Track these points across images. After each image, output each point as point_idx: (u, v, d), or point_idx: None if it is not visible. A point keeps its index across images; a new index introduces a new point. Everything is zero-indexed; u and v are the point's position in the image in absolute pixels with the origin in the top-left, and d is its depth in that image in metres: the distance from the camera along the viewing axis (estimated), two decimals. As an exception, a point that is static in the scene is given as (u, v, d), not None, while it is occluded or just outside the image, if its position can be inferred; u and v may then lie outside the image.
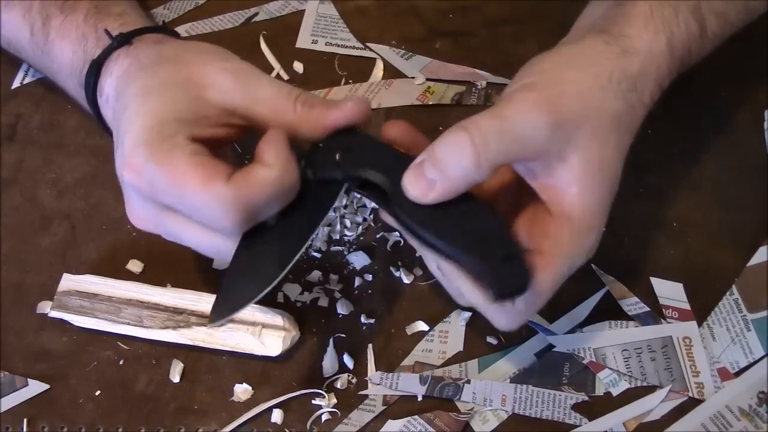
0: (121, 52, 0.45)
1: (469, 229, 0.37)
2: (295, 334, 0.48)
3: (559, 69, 0.40)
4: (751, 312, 0.48)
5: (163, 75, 0.40)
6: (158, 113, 0.38)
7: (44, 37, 0.50)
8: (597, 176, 0.39)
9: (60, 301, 0.49)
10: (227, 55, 0.42)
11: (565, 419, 0.45)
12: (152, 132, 0.37)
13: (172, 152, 0.37)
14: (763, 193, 0.53)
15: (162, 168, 0.37)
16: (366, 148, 0.40)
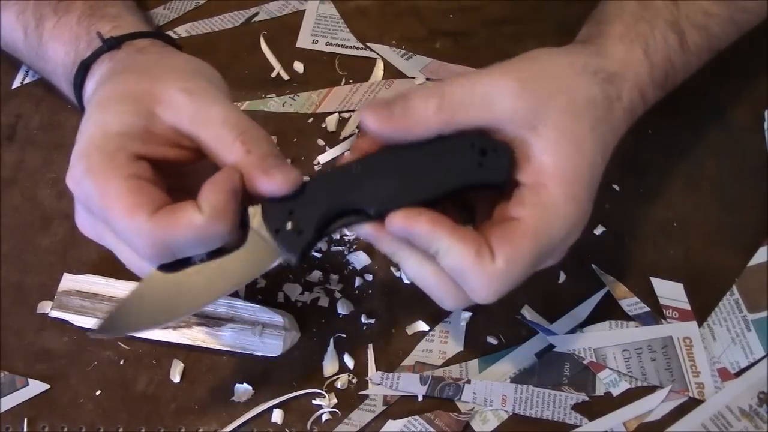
0: (106, 55, 0.45)
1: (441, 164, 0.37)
2: (295, 334, 0.48)
3: (534, 56, 0.41)
4: (752, 312, 0.48)
5: (122, 86, 0.40)
6: (105, 125, 0.38)
7: (38, 38, 0.50)
8: (571, 147, 0.38)
9: (60, 301, 0.49)
10: (199, 75, 0.41)
11: (566, 419, 0.45)
12: (94, 145, 0.37)
13: (109, 171, 0.37)
14: (763, 193, 0.53)
15: (95, 185, 0.37)
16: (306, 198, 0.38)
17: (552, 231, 0.38)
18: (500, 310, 0.49)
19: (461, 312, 0.49)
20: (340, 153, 0.55)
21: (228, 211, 0.36)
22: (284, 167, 0.38)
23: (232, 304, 0.48)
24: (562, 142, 0.38)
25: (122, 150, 0.37)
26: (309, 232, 0.37)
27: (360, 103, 0.58)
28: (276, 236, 0.37)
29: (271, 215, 0.38)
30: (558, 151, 0.38)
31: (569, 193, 0.38)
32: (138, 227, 0.36)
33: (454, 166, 0.37)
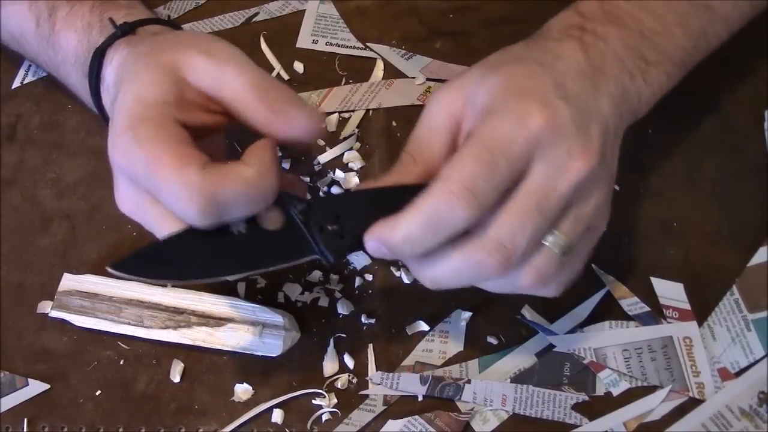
0: (122, 41, 0.46)
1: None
2: (295, 334, 0.48)
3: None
4: (752, 312, 0.48)
5: (150, 61, 0.40)
6: (143, 97, 0.38)
7: (50, 27, 0.50)
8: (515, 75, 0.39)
9: (60, 301, 0.49)
10: (215, 40, 0.42)
11: (566, 419, 0.45)
12: (137, 116, 0.38)
13: (157, 137, 0.37)
14: (763, 193, 0.53)
15: (144, 150, 0.37)
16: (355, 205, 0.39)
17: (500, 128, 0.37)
18: (500, 310, 0.49)
19: (461, 312, 0.49)
20: (340, 153, 0.55)
21: (274, 170, 0.37)
22: (306, 110, 0.39)
23: (232, 304, 0.48)
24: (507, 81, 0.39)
25: (165, 116, 0.38)
26: (350, 239, 0.38)
27: (360, 103, 0.58)
28: (320, 233, 0.38)
29: (318, 213, 0.39)
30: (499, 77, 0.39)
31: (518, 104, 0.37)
32: (187, 180, 0.35)
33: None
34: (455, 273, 0.38)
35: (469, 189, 0.35)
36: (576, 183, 0.37)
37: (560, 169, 0.37)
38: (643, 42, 0.43)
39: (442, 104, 0.40)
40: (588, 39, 0.42)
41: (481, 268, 0.37)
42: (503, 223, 0.36)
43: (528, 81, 0.38)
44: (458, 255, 0.37)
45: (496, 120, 0.37)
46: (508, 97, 0.38)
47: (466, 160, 0.36)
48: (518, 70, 0.39)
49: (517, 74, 0.39)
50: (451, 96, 0.40)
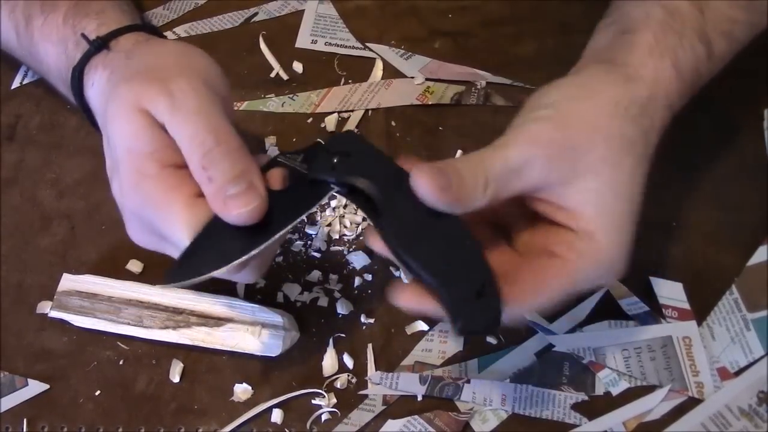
0: (98, 59, 0.45)
1: (447, 257, 0.36)
2: (295, 334, 0.48)
3: (563, 99, 0.40)
4: (751, 311, 0.48)
5: (124, 101, 0.39)
6: (132, 149, 0.39)
7: (29, 38, 0.50)
8: (612, 198, 0.38)
9: (60, 301, 0.49)
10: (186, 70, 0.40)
11: (565, 419, 0.45)
12: (137, 171, 0.38)
13: (166, 197, 0.38)
14: (763, 193, 0.53)
15: (159, 214, 0.38)
16: (365, 157, 0.39)
17: (591, 276, 0.39)
18: (500, 310, 0.49)
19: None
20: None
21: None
22: (243, 198, 0.37)
23: (232, 304, 0.48)
24: (601, 192, 0.38)
25: (164, 168, 0.38)
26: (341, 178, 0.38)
27: (359, 103, 0.58)
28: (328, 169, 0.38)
29: (318, 160, 0.39)
30: (598, 201, 0.38)
31: (613, 240, 0.39)
32: None
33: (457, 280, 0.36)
34: None
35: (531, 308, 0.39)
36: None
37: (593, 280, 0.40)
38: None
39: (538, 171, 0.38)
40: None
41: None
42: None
43: (625, 206, 0.39)
44: None
45: (596, 268, 0.39)
46: (612, 235, 0.39)
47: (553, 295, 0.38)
48: (618, 176, 0.39)
49: (616, 187, 0.39)
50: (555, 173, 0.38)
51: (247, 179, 0.37)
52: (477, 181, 0.37)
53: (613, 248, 0.39)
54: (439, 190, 0.36)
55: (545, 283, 0.38)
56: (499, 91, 0.58)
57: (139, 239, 0.42)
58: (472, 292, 0.36)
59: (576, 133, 0.38)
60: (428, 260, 0.36)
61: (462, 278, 0.36)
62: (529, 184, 0.38)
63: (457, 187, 0.36)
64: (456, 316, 0.36)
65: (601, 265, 0.39)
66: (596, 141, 0.38)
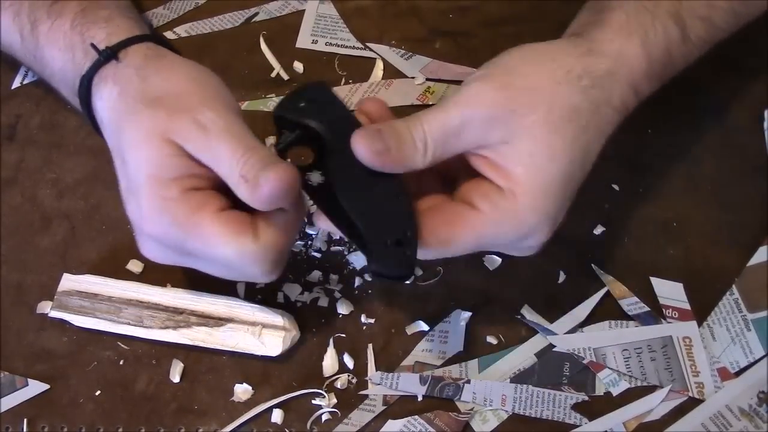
0: (108, 72, 0.44)
1: (376, 205, 0.39)
2: (295, 334, 0.48)
3: (516, 63, 0.41)
4: (751, 312, 0.48)
5: (145, 127, 0.40)
6: (158, 176, 0.39)
7: (34, 42, 0.50)
8: (544, 162, 0.39)
9: (60, 301, 0.49)
10: (207, 97, 0.41)
11: (565, 419, 0.45)
12: (160, 197, 0.39)
13: (195, 216, 0.39)
14: (763, 193, 0.53)
15: (190, 233, 0.39)
16: (328, 105, 0.41)
17: (502, 233, 0.40)
18: (500, 310, 0.49)
19: (461, 312, 0.49)
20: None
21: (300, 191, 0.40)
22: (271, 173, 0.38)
23: (232, 304, 0.48)
24: (535, 155, 0.39)
25: (186, 192, 0.39)
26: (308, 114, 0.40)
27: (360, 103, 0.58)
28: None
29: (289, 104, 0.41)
30: (530, 163, 0.39)
31: (534, 205, 0.39)
32: (251, 255, 0.39)
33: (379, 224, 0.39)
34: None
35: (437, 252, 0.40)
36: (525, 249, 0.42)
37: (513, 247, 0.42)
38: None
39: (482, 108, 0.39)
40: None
41: None
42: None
43: (556, 173, 0.39)
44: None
45: (505, 227, 0.40)
46: (533, 198, 0.39)
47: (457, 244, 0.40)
48: (554, 141, 0.39)
49: (549, 151, 0.39)
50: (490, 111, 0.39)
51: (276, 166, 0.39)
52: (417, 145, 0.39)
53: (534, 213, 0.39)
54: (376, 153, 0.38)
55: (452, 228, 0.39)
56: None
57: (156, 257, 0.43)
58: (391, 239, 0.38)
59: (518, 94, 0.39)
60: (357, 204, 0.39)
61: (384, 226, 0.39)
62: (468, 143, 0.39)
63: (396, 150, 0.38)
64: (371, 258, 0.39)
65: (515, 227, 0.40)
66: (537, 104, 0.39)
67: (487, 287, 0.50)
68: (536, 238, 0.41)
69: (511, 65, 0.41)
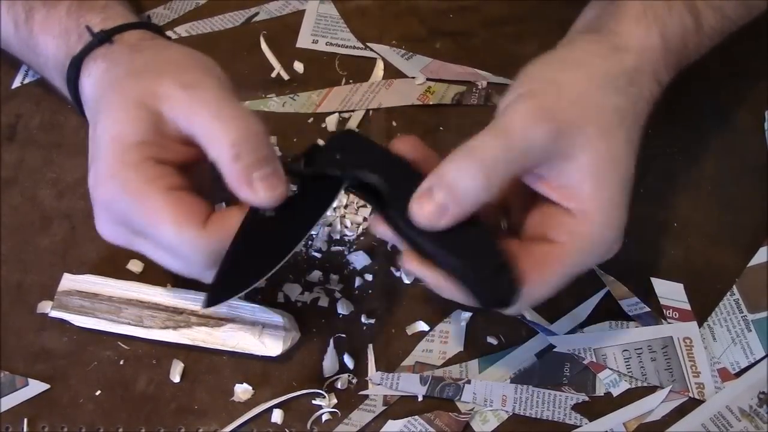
0: (99, 52, 0.45)
1: (461, 239, 0.38)
2: (295, 334, 0.48)
3: (554, 73, 0.40)
4: (752, 312, 0.48)
5: (126, 91, 0.39)
6: (122, 137, 0.38)
7: (28, 31, 0.50)
8: (608, 172, 0.38)
9: (60, 301, 0.49)
10: (198, 66, 0.41)
11: (566, 419, 0.45)
12: (120, 161, 0.38)
13: (146, 187, 0.38)
14: (763, 193, 0.53)
15: (136, 204, 0.38)
16: (366, 151, 0.40)
17: (589, 258, 0.39)
18: (500, 310, 0.49)
19: (461, 312, 0.49)
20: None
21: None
22: (270, 180, 0.38)
23: (232, 304, 0.48)
24: (600, 168, 0.38)
25: (148, 160, 0.38)
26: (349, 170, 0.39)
27: (360, 103, 0.58)
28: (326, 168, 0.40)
29: (320, 158, 0.40)
30: (596, 179, 0.38)
31: (610, 221, 0.39)
32: (191, 242, 0.37)
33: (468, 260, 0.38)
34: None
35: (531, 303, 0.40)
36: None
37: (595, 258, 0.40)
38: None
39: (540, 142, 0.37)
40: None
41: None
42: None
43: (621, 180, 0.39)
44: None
45: (593, 249, 0.39)
46: (607, 213, 0.38)
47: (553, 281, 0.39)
48: (613, 149, 0.39)
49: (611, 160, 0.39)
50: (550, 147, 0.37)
51: (273, 163, 0.38)
52: (477, 190, 0.36)
53: (611, 228, 0.39)
54: (435, 217, 0.37)
55: (546, 271, 0.38)
56: (500, 92, 0.58)
57: (108, 233, 0.41)
58: (491, 268, 0.37)
59: (570, 107, 0.38)
60: (445, 243, 0.38)
61: (479, 257, 0.38)
62: (531, 164, 0.38)
63: (452, 203, 0.36)
64: (480, 290, 0.38)
65: (598, 246, 0.39)
66: (590, 114, 0.38)
67: (488, 287, 0.50)
68: (615, 248, 0.40)
69: (549, 77, 0.39)
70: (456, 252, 0.38)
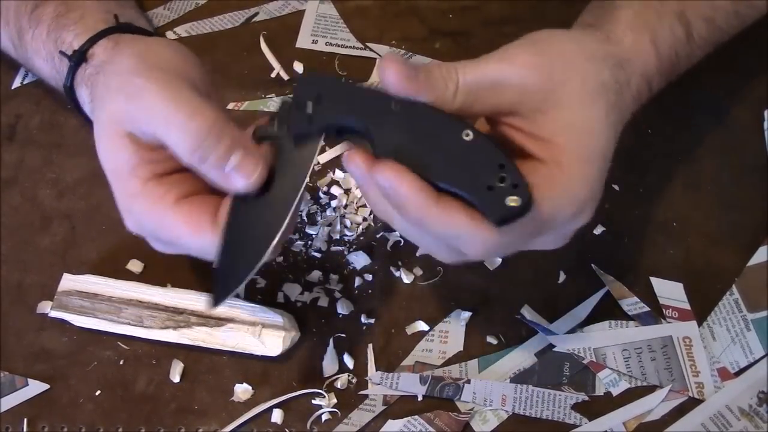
0: (81, 76, 0.46)
1: (456, 157, 0.36)
2: (295, 334, 0.48)
3: (548, 39, 0.40)
4: (751, 312, 0.48)
5: (105, 117, 0.40)
6: (118, 169, 0.40)
7: (24, 50, 0.51)
8: (585, 131, 0.38)
9: (60, 301, 0.49)
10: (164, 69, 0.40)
11: (565, 419, 0.45)
12: (127, 192, 0.40)
13: (156, 209, 0.39)
14: (763, 193, 0.53)
15: (155, 225, 0.40)
16: (338, 94, 0.37)
17: (559, 211, 0.38)
18: (500, 310, 0.49)
19: (461, 312, 0.49)
20: (339, 153, 0.55)
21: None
22: (244, 166, 0.37)
23: (232, 304, 0.48)
24: (576, 125, 0.38)
25: (147, 182, 0.39)
26: (322, 122, 0.37)
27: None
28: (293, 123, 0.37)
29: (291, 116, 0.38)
30: (572, 133, 0.38)
31: (582, 174, 0.38)
32: (212, 242, 0.38)
33: (472, 173, 0.36)
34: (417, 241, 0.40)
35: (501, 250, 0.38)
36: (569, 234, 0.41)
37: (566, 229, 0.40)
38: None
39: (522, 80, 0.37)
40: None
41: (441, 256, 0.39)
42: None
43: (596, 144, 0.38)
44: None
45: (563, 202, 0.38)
46: (581, 167, 0.38)
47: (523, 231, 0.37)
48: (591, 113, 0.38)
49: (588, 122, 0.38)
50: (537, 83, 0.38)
51: (240, 147, 0.38)
52: (447, 83, 0.37)
53: (584, 183, 0.38)
54: (405, 78, 0.36)
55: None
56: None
57: (160, 249, 0.43)
58: (494, 178, 0.35)
59: (554, 63, 0.38)
60: (438, 167, 0.36)
61: (479, 170, 0.35)
62: (504, 102, 0.38)
63: (425, 79, 0.36)
64: (488, 208, 0.35)
65: (569, 200, 0.38)
66: (572, 76, 0.38)
67: (487, 287, 0.50)
68: (585, 216, 0.39)
69: (545, 39, 0.40)
70: (450, 171, 0.36)
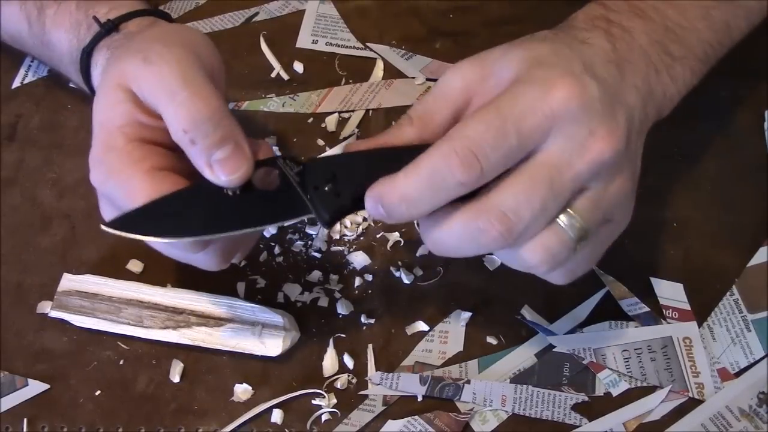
0: (105, 42, 0.45)
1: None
2: (295, 334, 0.48)
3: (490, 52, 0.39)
4: (752, 312, 0.48)
5: (108, 75, 0.40)
6: (106, 123, 0.39)
7: (41, 27, 0.50)
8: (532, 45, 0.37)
9: (60, 301, 0.49)
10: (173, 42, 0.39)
11: (565, 419, 0.45)
12: (106, 145, 0.39)
13: (128, 169, 0.38)
14: (763, 193, 0.53)
15: (119, 186, 0.38)
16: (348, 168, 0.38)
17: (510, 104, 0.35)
18: (500, 310, 0.49)
19: (461, 312, 0.49)
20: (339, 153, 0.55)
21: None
22: (230, 162, 0.37)
23: (232, 304, 0.48)
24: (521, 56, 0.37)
25: (131, 142, 0.38)
26: (346, 198, 0.37)
27: (360, 104, 0.58)
28: (315, 191, 0.37)
29: (313, 173, 0.38)
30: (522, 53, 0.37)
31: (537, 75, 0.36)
32: None
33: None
34: (456, 238, 0.36)
35: (473, 152, 0.34)
36: (595, 164, 0.35)
37: (580, 147, 0.35)
38: (667, 36, 0.42)
39: (458, 75, 0.38)
40: (615, 31, 0.40)
41: (481, 236, 0.35)
42: (509, 191, 0.34)
43: (555, 58, 0.36)
44: (459, 219, 0.35)
45: (516, 88, 0.35)
46: (532, 68, 0.36)
47: (476, 123, 0.34)
48: (545, 47, 0.37)
49: (544, 50, 0.37)
50: (470, 68, 0.38)
51: (232, 141, 0.37)
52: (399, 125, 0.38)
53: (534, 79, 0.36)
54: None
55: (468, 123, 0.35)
56: (499, 92, 0.58)
57: (107, 215, 0.41)
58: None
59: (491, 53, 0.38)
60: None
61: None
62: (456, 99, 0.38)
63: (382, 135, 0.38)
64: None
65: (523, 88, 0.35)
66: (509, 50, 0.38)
67: (487, 287, 0.50)
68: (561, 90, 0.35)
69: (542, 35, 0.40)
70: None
